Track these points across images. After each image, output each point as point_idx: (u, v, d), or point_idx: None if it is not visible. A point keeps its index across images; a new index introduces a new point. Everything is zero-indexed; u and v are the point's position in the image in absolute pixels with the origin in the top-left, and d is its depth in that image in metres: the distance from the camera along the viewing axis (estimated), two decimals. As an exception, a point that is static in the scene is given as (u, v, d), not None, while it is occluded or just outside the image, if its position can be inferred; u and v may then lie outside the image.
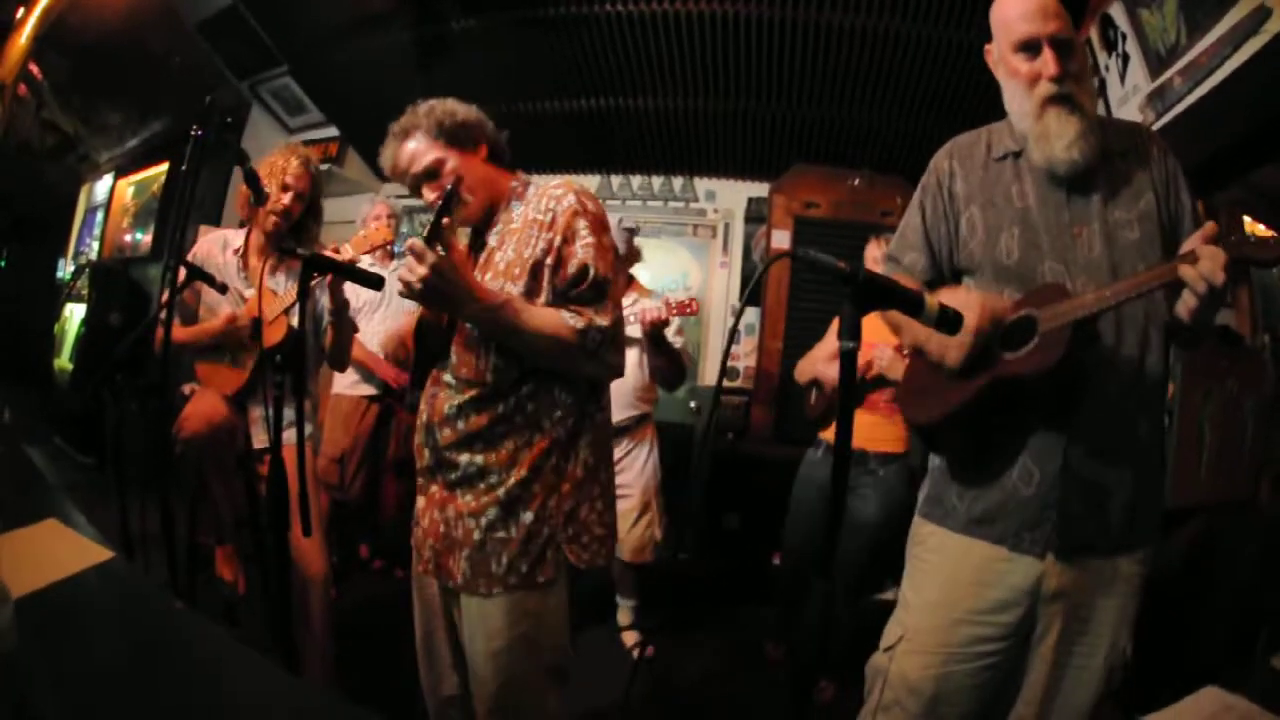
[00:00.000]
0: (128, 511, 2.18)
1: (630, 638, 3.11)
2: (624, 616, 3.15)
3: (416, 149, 1.60)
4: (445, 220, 1.38)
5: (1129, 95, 2.77)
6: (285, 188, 2.27)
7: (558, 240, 1.51)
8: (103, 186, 6.45)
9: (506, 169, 1.69)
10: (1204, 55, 2.43)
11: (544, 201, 1.56)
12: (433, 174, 1.59)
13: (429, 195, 1.61)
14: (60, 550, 1.32)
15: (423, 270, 1.36)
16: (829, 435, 2.77)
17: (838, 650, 2.68)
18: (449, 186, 1.49)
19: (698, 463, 3.83)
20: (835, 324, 2.85)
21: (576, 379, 1.57)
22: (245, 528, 2.37)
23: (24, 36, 4.03)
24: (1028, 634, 1.43)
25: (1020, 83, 1.41)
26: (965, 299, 1.32)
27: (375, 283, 1.65)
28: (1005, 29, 1.41)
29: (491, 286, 1.53)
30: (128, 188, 6.06)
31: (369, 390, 3.39)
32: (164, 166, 5.46)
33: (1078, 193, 1.41)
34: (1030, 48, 1.38)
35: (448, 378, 1.58)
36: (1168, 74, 2.60)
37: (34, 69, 4.92)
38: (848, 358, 0.98)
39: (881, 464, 2.67)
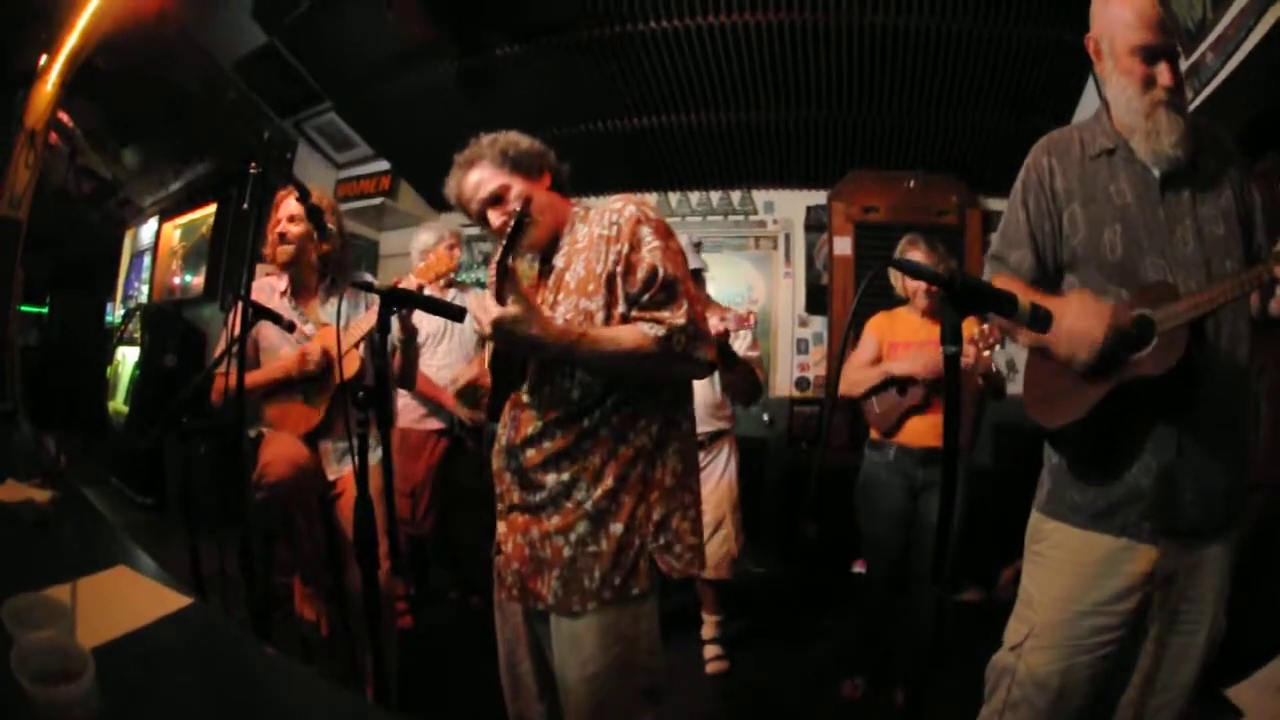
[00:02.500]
0: (199, 554, 2.19)
1: (710, 651, 3.13)
2: (706, 630, 3.18)
3: (482, 177, 1.62)
4: (511, 261, 1.40)
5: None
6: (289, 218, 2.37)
7: (625, 249, 1.52)
8: (148, 230, 6.52)
9: (568, 197, 1.72)
10: (1231, 27, 2.45)
11: (607, 216, 1.56)
12: (498, 199, 1.61)
13: (495, 220, 1.63)
14: (135, 597, 1.30)
15: (488, 329, 1.41)
16: (901, 438, 2.75)
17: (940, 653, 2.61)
18: (519, 208, 1.49)
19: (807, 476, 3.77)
20: (868, 331, 2.93)
21: (658, 387, 1.57)
22: (327, 564, 2.35)
23: (49, 84, 4.09)
24: (1139, 620, 1.51)
25: (1133, 81, 1.48)
26: (1096, 306, 1.39)
27: (458, 315, 1.64)
28: (1123, 29, 1.47)
29: (564, 305, 1.55)
30: (174, 230, 6.10)
31: (436, 425, 3.39)
32: (211, 208, 5.49)
33: (1171, 190, 1.49)
34: (1147, 55, 1.46)
35: (528, 399, 1.59)
36: (1199, 50, 2.62)
37: (64, 116, 4.98)
38: (952, 361, 1.04)
39: None
